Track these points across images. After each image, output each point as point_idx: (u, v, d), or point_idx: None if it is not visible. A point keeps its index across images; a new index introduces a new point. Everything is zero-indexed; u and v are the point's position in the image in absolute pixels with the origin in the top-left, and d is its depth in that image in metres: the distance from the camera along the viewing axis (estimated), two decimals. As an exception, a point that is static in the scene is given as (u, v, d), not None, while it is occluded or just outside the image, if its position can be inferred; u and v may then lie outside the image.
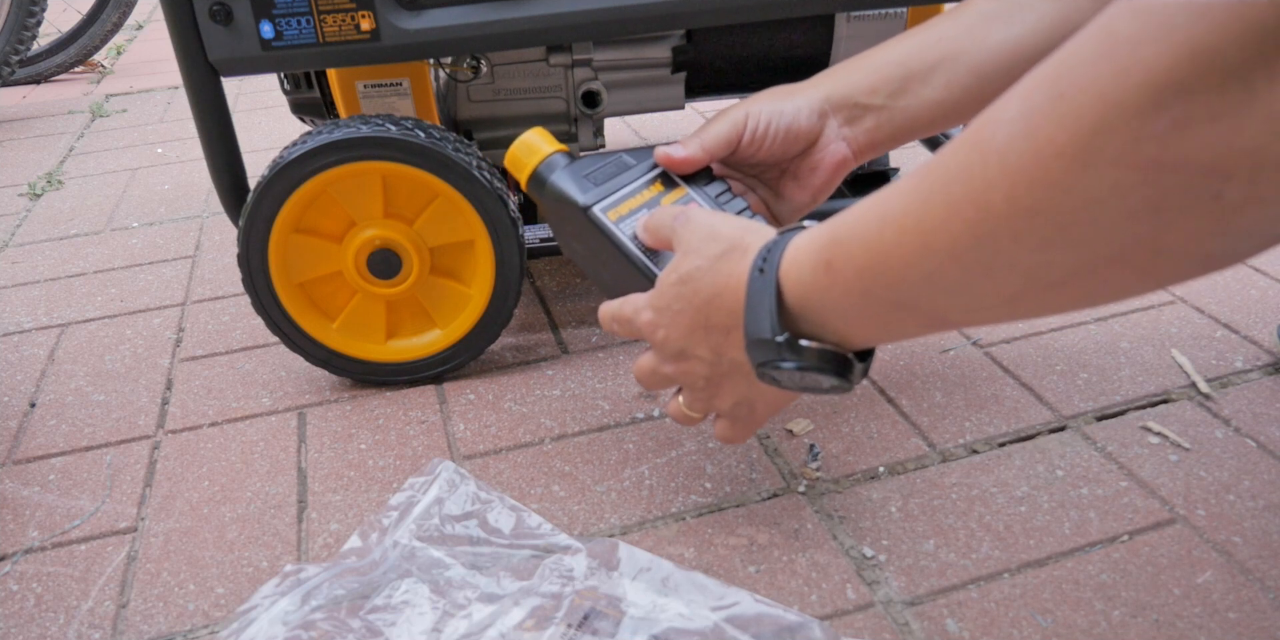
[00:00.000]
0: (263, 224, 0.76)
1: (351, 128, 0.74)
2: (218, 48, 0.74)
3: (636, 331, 0.59)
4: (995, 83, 0.63)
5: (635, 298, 0.59)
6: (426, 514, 0.66)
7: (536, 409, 0.81)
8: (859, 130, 0.64)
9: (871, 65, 0.63)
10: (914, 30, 0.64)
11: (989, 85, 0.63)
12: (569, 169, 0.65)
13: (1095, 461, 0.71)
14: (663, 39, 0.92)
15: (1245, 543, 0.62)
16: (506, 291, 0.81)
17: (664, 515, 0.68)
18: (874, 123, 0.64)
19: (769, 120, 0.63)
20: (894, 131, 0.64)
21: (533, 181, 0.66)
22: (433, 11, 0.74)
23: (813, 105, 0.63)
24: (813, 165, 0.65)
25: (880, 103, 0.63)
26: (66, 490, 0.75)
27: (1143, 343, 0.85)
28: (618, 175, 0.64)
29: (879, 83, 0.63)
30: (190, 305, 1.03)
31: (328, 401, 0.84)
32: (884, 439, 0.75)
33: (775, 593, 0.61)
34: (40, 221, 1.29)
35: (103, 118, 1.78)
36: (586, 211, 0.62)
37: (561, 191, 0.64)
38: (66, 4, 2.38)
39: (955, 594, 0.60)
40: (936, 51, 0.62)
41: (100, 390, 0.88)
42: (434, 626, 0.58)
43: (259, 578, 0.65)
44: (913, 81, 0.62)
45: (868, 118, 0.63)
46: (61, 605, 0.64)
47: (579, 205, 0.62)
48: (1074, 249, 0.35)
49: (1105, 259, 0.35)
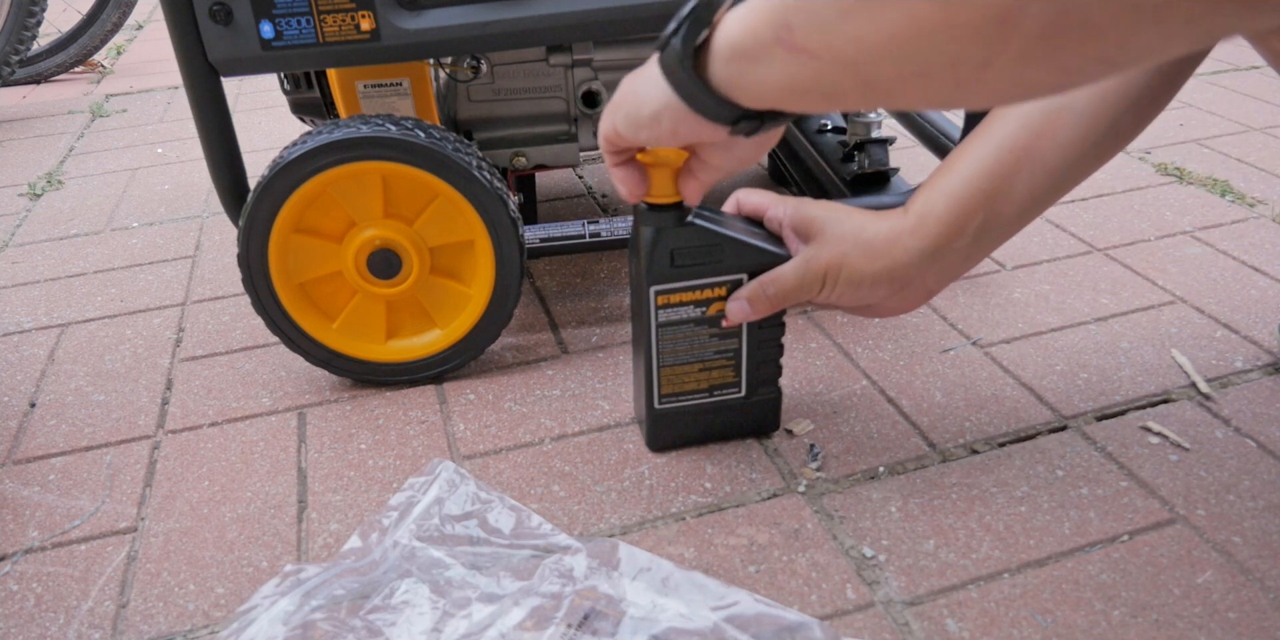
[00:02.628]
0: (263, 224, 0.76)
1: (351, 128, 0.74)
2: (218, 48, 0.74)
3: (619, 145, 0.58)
4: (1072, 181, 0.64)
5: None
6: (426, 514, 0.66)
7: (536, 409, 0.81)
8: (945, 272, 0.65)
9: (954, 190, 0.63)
10: (979, 138, 0.63)
11: (1065, 184, 0.64)
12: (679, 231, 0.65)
13: (1095, 461, 0.71)
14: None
15: (1245, 543, 0.62)
16: (506, 291, 0.81)
17: (664, 515, 0.68)
18: (958, 259, 0.64)
19: (859, 281, 0.64)
20: (971, 264, 0.66)
21: (656, 207, 0.64)
22: (433, 11, 0.74)
23: (906, 269, 0.64)
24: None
25: (967, 243, 0.63)
26: (66, 490, 0.75)
27: (1143, 343, 0.85)
28: (704, 263, 0.66)
29: (964, 216, 0.62)
30: (190, 305, 1.03)
31: (328, 401, 0.84)
32: (884, 439, 0.75)
33: (775, 593, 0.61)
34: (40, 221, 1.29)
35: (103, 118, 1.78)
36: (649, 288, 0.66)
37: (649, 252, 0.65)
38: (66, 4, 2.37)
39: (955, 594, 0.60)
40: (1012, 158, 0.62)
41: (100, 390, 0.88)
42: (434, 626, 0.58)
43: (259, 578, 0.65)
44: (998, 200, 0.62)
45: (951, 259, 0.64)
46: (61, 605, 0.64)
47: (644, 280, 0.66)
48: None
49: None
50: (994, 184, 0.62)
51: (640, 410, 0.74)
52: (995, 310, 0.91)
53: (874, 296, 0.65)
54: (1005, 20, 0.34)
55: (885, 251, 0.63)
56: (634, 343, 0.71)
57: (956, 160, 0.63)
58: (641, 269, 0.65)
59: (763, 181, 1.26)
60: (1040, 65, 0.35)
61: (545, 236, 0.89)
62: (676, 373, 0.70)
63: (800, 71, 0.42)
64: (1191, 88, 1.50)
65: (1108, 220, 1.08)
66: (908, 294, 0.65)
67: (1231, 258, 0.98)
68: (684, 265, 0.65)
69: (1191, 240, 1.02)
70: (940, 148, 0.99)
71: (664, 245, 0.64)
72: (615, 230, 0.89)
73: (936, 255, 0.63)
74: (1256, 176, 1.17)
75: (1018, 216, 0.63)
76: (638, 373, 0.72)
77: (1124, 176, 1.19)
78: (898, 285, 0.64)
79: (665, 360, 0.69)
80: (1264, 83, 1.52)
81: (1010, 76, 0.36)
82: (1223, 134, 1.31)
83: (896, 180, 0.98)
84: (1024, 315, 0.90)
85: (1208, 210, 1.09)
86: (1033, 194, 0.62)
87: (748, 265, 0.66)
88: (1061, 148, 0.61)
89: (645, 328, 0.68)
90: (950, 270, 0.65)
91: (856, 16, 0.38)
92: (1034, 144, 0.61)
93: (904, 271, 0.63)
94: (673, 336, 0.68)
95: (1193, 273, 0.96)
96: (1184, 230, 1.05)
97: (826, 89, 0.43)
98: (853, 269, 0.64)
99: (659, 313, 0.67)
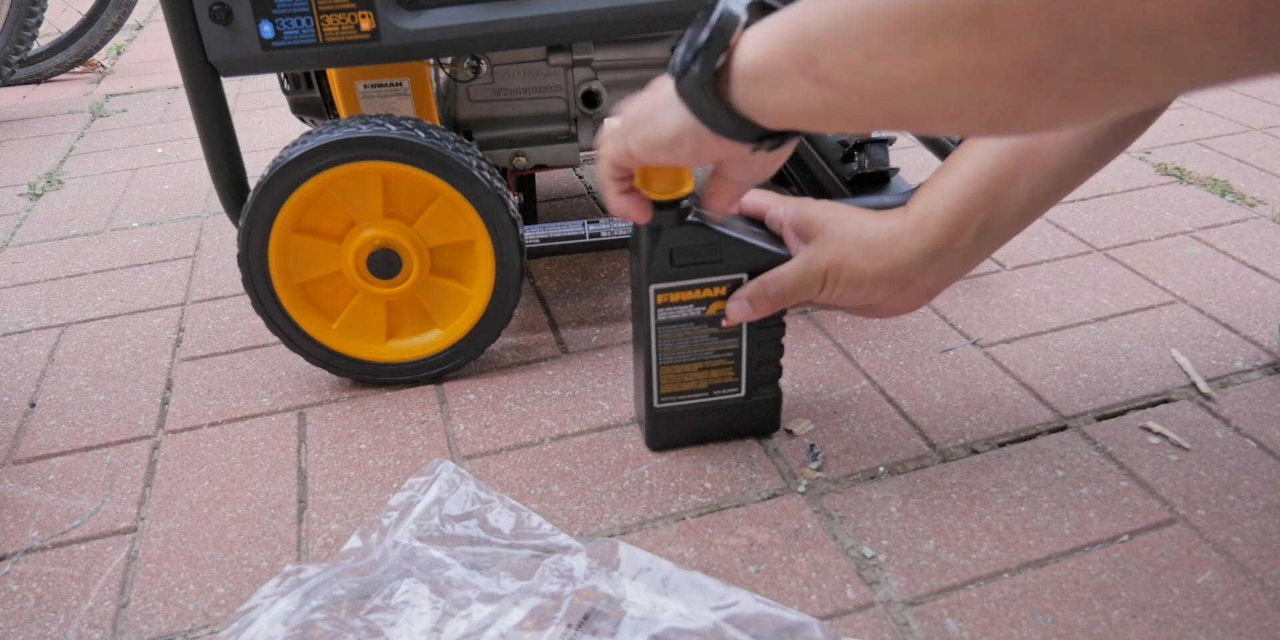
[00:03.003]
0: (263, 224, 0.76)
1: (351, 128, 0.74)
2: (218, 48, 0.74)
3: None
4: (1073, 181, 0.63)
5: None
6: (426, 514, 0.66)
7: (536, 409, 0.81)
8: (945, 273, 0.65)
9: (955, 191, 0.62)
10: (980, 139, 0.63)
11: (1066, 185, 0.63)
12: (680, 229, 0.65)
13: (1095, 461, 0.71)
14: (663, 39, 0.92)
15: (1245, 543, 0.62)
16: (506, 291, 0.81)
17: (664, 515, 0.68)
18: (958, 260, 0.64)
19: (859, 281, 0.64)
20: (971, 264, 0.66)
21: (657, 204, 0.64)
22: (433, 11, 0.74)
23: (906, 269, 0.63)
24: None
25: (968, 244, 0.63)
26: (66, 490, 0.75)
27: (1143, 343, 0.85)
28: (704, 263, 0.66)
29: (965, 217, 0.62)
30: (190, 305, 1.03)
31: (328, 401, 0.84)
32: (884, 439, 0.75)
33: (775, 593, 0.61)
34: (40, 221, 1.29)
35: (103, 118, 1.78)
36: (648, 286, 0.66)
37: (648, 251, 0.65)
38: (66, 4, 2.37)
39: (955, 594, 0.60)
40: (1014, 158, 0.61)
41: (100, 390, 0.88)
42: (434, 626, 0.58)
43: (259, 578, 0.65)
44: (998, 201, 0.62)
45: (952, 259, 0.64)
46: (61, 605, 0.64)
47: (644, 279, 0.66)
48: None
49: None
50: (995, 185, 0.61)
51: (640, 410, 0.74)
52: (995, 310, 0.91)
53: (874, 297, 0.65)
54: (1039, 70, 0.33)
55: (886, 252, 0.63)
56: (634, 342, 0.71)
57: (957, 161, 0.63)
58: (641, 268, 0.65)
59: (764, 182, 1.26)
60: (1075, 107, 0.35)
61: (545, 236, 0.89)
62: (676, 372, 0.70)
63: (825, 101, 0.42)
64: (1191, 88, 1.50)
65: (1108, 220, 1.08)
66: (908, 294, 0.65)
67: (1231, 258, 0.98)
68: (684, 264, 0.65)
69: (1191, 240, 1.02)
70: (941, 148, 0.99)
71: (664, 244, 0.64)
72: (615, 230, 0.89)
73: (937, 256, 0.63)
74: (1256, 176, 1.17)
75: (1019, 217, 0.63)
76: (638, 372, 0.72)
77: (1124, 176, 1.19)
78: (898, 285, 0.64)
79: (665, 359, 0.69)
80: (1264, 83, 1.52)
81: (1043, 116, 0.36)
82: (1223, 134, 1.31)
83: (896, 180, 0.98)
84: (1024, 315, 0.90)
85: (1208, 210, 1.09)
86: (1034, 195, 0.62)
87: (748, 265, 0.66)
88: (1063, 148, 0.61)
89: (645, 327, 0.68)
90: (951, 271, 0.65)
91: (885, 58, 0.38)
92: (1035, 145, 0.61)
93: (904, 272, 0.63)
94: (672, 336, 0.68)
95: (1193, 273, 0.96)
96: (1184, 230, 1.05)
97: (852, 117, 0.43)
98: (853, 269, 0.64)
99: (658, 312, 0.67)
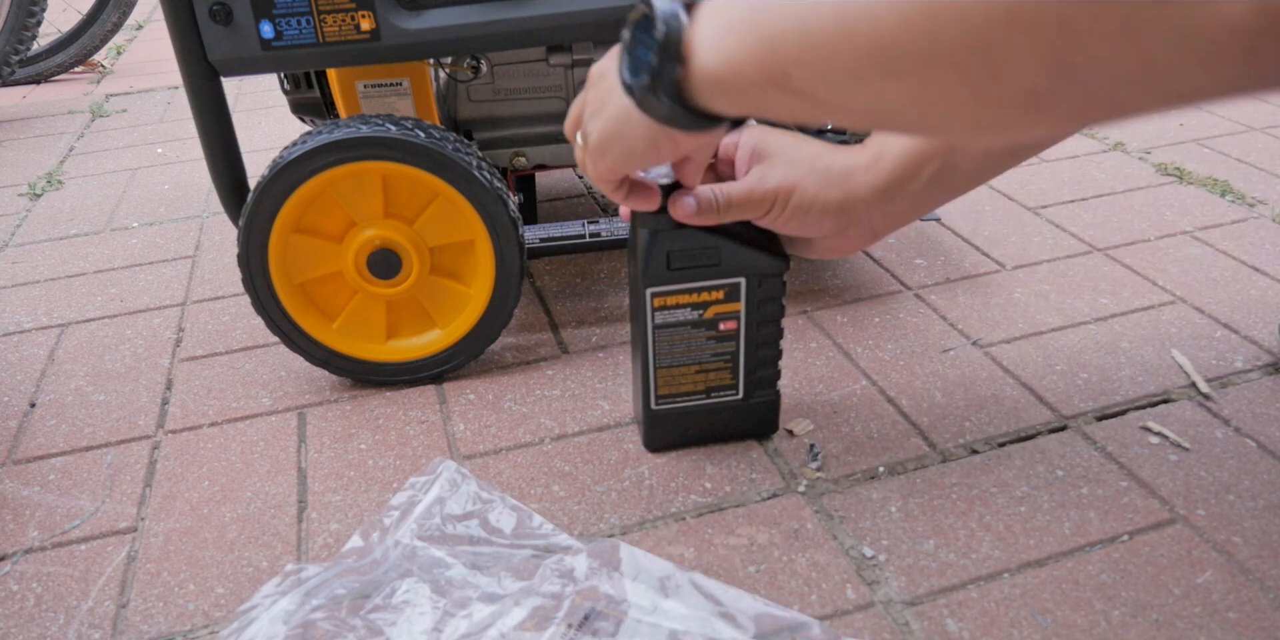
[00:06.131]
0: (263, 224, 0.76)
1: (351, 128, 0.74)
2: (218, 48, 0.74)
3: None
4: (1033, 146, 0.62)
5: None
6: (428, 513, 0.66)
7: (536, 409, 0.81)
8: (892, 215, 0.64)
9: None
10: None
11: (1025, 149, 0.62)
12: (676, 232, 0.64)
13: (1095, 461, 0.71)
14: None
15: (1245, 543, 0.62)
16: (506, 291, 0.81)
17: (664, 515, 0.68)
18: (908, 203, 0.63)
19: (808, 207, 0.62)
20: (920, 211, 0.64)
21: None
22: (433, 11, 0.74)
23: (855, 204, 0.62)
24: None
25: (919, 188, 0.62)
26: (66, 490, 0.75)
27: (1143, 343, 0.85)
28: (698, 266, 0.66)
29: (921, 159, 0.61)
30: (190, 305, 1.03)
31: (328, 401, 0.84)
32: (884, 439, 0.75)
33: (775, 593, 0.61)
34: (40, 221, 1.29)
35: (103, 118, 1.78)
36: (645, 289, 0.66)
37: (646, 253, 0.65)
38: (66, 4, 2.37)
39: (955, 594, 0.60)
40: None
41: (100, 390, 0.88)
42: (434, 626, 0.58)
43: (259, 578, 0.65)
44: (955, 151, 0.61)
45: (902, 202, 0.63)
46: (61, 605, 0.64)
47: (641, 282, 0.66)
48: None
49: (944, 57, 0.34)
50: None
51: (639, 410, 0.74)
52: (995, 310, 0.91)
53: (820, 229, 0.64)
54: (1034, 99, 0.33)
55: (839, 182, 0.62)
56: (632, 343, 0.71)
57: None
58: (638, 270, 0.65)
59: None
60: (1068, 126, 0.35)
61: (545, 236, 0.89)
62: (673, 374, 0.70)
63: (800, 107, 0.41)
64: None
65: (1108, 220, 1.08)
66: (851, 235, 0.64)
67: (1231, 258, 0.98)
68: (680, 267, 0.65)
69: (1191, 240, 1.02)
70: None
71: (660, 247, 0.64)
72: (615, 230, 0.89)
73: (888, 195, 0.62)
74: (1256, 176, 1.17)
75: (974, 171, 0.62)
76: (636, 373, 0.72)
77: (1124, 176, 1.19)
78: (845, 221, 0.63)
79: (662, 361, 0.69)
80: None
81: (1035, 133, 0.36)
82: (1223, 134, 1.31)
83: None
84: (1024, 315, 0.90)
85: (1208, 210, 1.09)
86: (989, 151, 0.61)
87: (745, 268, 0.66)
88: None
89: (642, 329, 0.68)
90: (898, 214, 0.64)
91: (871, 80, 0.36)
92: None
93: (853, 206, 0.62)
94: (669, 338, 0.68)
95: (1193, 273, 0.96)
96: (1184, 230, 1.05)
97: (827, 119, 0.42)
98: (804, 194, 0.62)
99: (655, 314, 0.67)
